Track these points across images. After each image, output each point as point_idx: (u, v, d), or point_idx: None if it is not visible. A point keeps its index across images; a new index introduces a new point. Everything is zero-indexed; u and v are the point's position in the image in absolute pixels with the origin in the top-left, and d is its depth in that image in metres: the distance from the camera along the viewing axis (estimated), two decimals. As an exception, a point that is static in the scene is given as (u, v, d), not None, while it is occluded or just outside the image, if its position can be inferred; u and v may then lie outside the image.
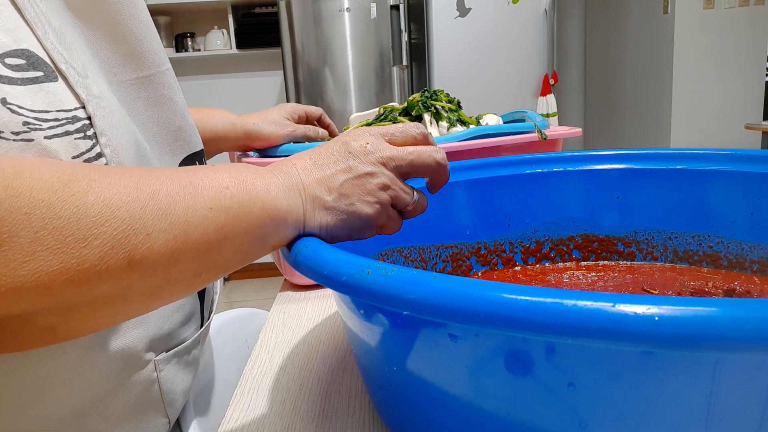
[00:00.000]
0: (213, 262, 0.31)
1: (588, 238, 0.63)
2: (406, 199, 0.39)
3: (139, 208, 0.27)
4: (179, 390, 0.46)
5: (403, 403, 0.35)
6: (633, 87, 2.92)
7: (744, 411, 0.23)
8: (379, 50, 2.55)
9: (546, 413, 0.27)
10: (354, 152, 0.37)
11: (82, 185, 0.26)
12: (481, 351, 0.27)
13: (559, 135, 0.80)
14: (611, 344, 0.23)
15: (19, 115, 0.30)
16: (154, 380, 0.42)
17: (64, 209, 0.25)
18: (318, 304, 0.67)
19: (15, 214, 0.23)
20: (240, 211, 0.32)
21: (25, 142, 0.30)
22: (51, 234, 0.24)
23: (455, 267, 0.60)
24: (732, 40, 2.51)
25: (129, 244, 0.27)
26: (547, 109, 2.63)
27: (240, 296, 3.05)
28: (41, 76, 0.32)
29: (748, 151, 0.55)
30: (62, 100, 0.32)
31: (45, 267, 0.24)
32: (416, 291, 0.25)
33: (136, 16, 0.42)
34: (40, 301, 0.25)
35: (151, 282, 0.29)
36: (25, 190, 0.24)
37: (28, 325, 0.26)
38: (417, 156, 0.39)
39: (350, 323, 0.37)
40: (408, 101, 0.82)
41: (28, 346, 0.29)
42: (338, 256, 0.31)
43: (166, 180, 0.30)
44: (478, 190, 0.61)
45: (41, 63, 0.32)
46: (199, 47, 3.07)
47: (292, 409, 0.44)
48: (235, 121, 0.73)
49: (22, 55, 0.31)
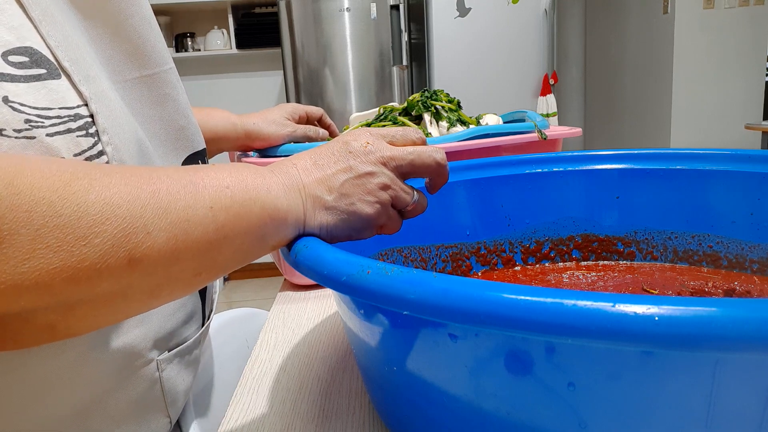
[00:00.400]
0: (213, 261, 0.31)
1: (588, 238, 0.63)
2: (406, 198, 0.39)
3: (139, 207, 0.27)
4: (181, 390, 0.46)
5: (403, 403, 0.35)
6: (633, 87, 2.92)
7: (744, 411, 0.23)
8: (379, 50, 2.55)
9: (546, 413, 0.27)
10: (354, 152, 0.37)
11: (83, 184, 0.26)
12: (481, 351, 0.27)
13: (559, 135, 0.80)
14: (611, 344, 0.23)
15: (21, 113, 0.30)
16: (156, 380, 0.42)
17: (65, 207, 0.25)
18: (318, 304, 0.67)
19: (16, 211, 0.23)
20: (240, 210, 0.32)
21: (27, 140, 0.30)
22: (51, 232, 0.24)
23: (455, 267, 0.60)
24: (732, 40, 2.51)
25: (129, 243, 0.27)
26: (547, 109, 2.63)
27: (240, 296, 3.05)
28: (44, 73, 0.32)
29: (748, 151, 0.55)
30: (65, 98, 0.32)
31: (45, 265, 0.24)
32: (416, 291, 0.25)
33: (139, 15, 0.42)
34: (39, 299, 0.25)
35: (151, 281, 0.29)
36: (26, 188, 0.24)
37: (27, 323, 0.26)
38: (417, 156, 0.39)
39: (350, 323, 0.37)
40: (408, 101, 0.82)
41: (26, 344, 0.29)
42: (338, 256, 0.31)
43: (166, 179, 0.30)
44: (478, 190, 0.61)
45: (44, 60, 0.32)
46: (199, 47, 3.07)
47: (292, 409, 0.44)
48: (235, 121, 0.73)
49: (26, 52, 0.31)
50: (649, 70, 2.76)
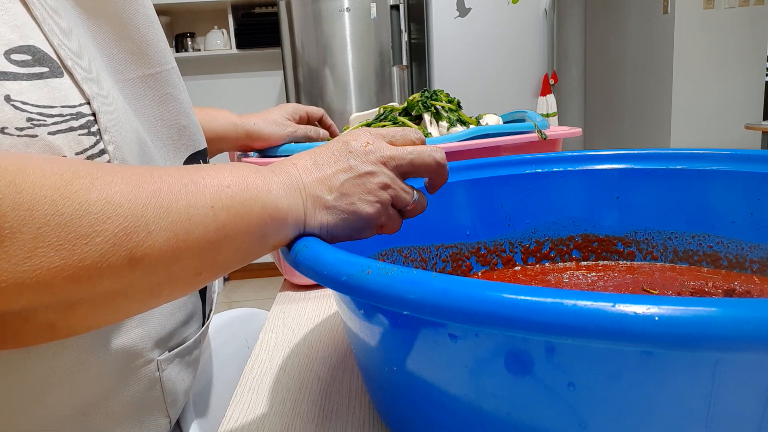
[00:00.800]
0: (213, 260, 0.31)
1: (588, 238, 0.63)
2: (406, 198, 0.39)
3: (140, 206, 0.27)
4: (181, 390, 0.46)
5: (403, 403, 0.35)
6: (633, 87, 2.92)
7: (744, 411, 0.23)
8: (379, 50, 2.55)
9: (546, 413, 0.27)
10: (354, 152, 0.38)
11: (84, 182, 0.26)
12: (481, 351, 0.27)
13: (559, 135, 0.80)
14: (611, 344, 0.23)
15: (23, 111, 0.30)
16: (157, 380, 0.42)
17: (67, 206, 0.25)
18: (318, 304, 0.67)
19: (18, 210, 0.23)
20: (241, 210, 0.32)
21: (29, 138, 0.30)
22: (53, 230, 0.24)
23: (455, 267, 0.60)
24: (732, 40, 2.51)
25: (130, 242, 0.27)
26: (547, 109, 2.63)
27: (240, 296, 3.05)
28: (47, 71, 0.32)
29: (748, 151, 0.55)
30: (67, 96, 0.32)
31: (46, 263, 0.24)
32: (416, 291, 0.25)
33: (142, 14, 0.42)
34: (40, 297, 0.25)
35: (151, 280, 0.29)
36: (28, 187, 0.24)
37: (28, 322, 0.26)
38: (417, 155, 0.39)
39: (350, 323, 0.37)
40: (408, 101, 0.82)
41: (26, 343, 0.29)
42: (338, 256, 0.31)
43: (167, 178, 0.30)
44: (478, 190, 0.61)
45: (47, 59, 0.32)
46: (199, 47, 3.07)
47: (292, 409, 0.44)
48: (236, 121, 0.73)
49: (29, 51, 0.31)
50: (649, 70, 2.76)
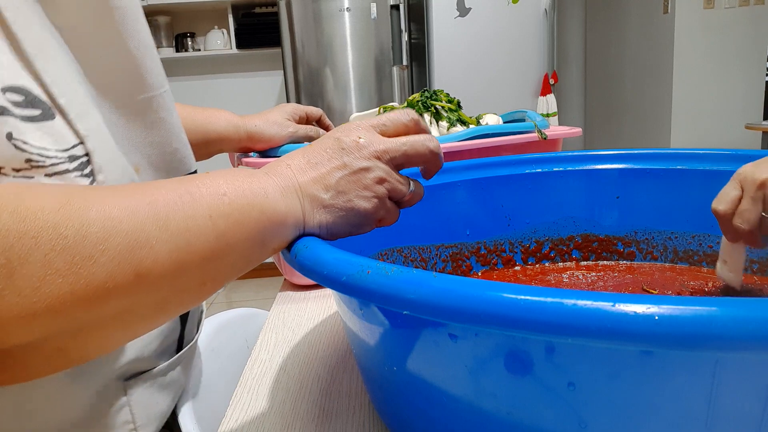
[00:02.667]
0: (216, 270, 0.31)
1: (588, 238, 0.63)
2: (402, 190, 0.39)
3: (140, 220, 0.27)
4: (154, 413, 0.44)
5: (403, 403, 0.35)
6: (633, 87, 2.92)
7: (744, 411, 0.23)
8: (379, 50, 2.55)
9: (546, 413, 0.26)
10: (347, 148, 0.37)
11: (80, 202, 0.26)
12: (481, 351, 0.27)
13: (559, 135, 0.80)
14: (611, 344, 0.23)
15: (23, 152, 0.30)
16: (124, 404, 0.41)
17: (68, 228, 0.25)
18: (318, 304, 0.67)
19: (24, 239, 0.23)
20: (239, 217, 0.32)
21: (25, 179, 0.30)
22: (59, 255, 0.24)
23: (455, 267, 0.60)
24: (732, 40, 2.51)
25: (135, 258, 0.26)
26: (547, 109, 2.63)
27: (240, 296, 3.05)
28: (38, 114, 0.31)
29: (748, 151, 0.55)
30: (60, 138, 0.32)
31: (56, 290, 0.24)
32: (416, 291, 0.25)
33: (136, 39, 0.41)
34: (50, 325, 0.25)
35: (157, 295, 0.29)
36: (30, 214, 0.24)
37: (37, 351, 0.26)
38: (410, 146, 0.39)
39: (350, 323, 0.37)
40: (408, 101, 0.82)
41: (36, 375, 0.28)
42: (338, 256, 0.31)
43: (161, 190, 0.29)
44: (478, 190, 0.61)
45: (37, 101, 0.31)
46: (199, 47, 3.07)
47: (292, 409, 0.44)
48: (237, 122, 0.73)
49: (20, 91, 0.30)
50: (649, 70, 2.76)
